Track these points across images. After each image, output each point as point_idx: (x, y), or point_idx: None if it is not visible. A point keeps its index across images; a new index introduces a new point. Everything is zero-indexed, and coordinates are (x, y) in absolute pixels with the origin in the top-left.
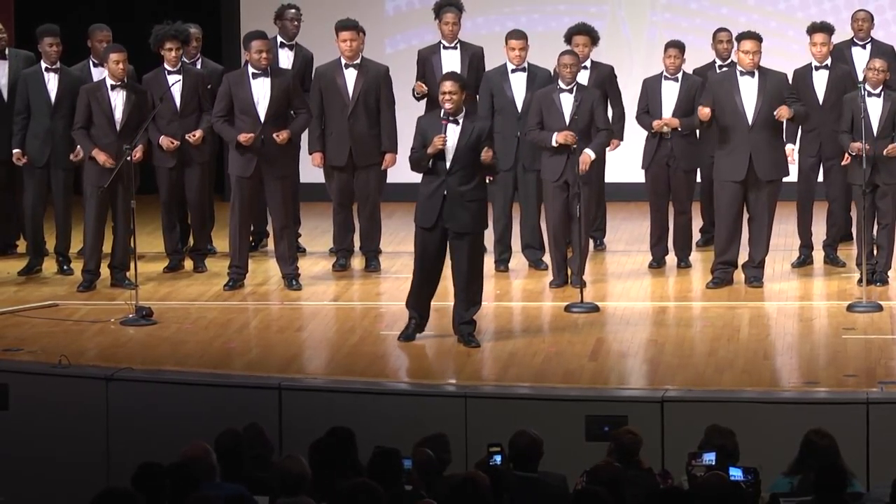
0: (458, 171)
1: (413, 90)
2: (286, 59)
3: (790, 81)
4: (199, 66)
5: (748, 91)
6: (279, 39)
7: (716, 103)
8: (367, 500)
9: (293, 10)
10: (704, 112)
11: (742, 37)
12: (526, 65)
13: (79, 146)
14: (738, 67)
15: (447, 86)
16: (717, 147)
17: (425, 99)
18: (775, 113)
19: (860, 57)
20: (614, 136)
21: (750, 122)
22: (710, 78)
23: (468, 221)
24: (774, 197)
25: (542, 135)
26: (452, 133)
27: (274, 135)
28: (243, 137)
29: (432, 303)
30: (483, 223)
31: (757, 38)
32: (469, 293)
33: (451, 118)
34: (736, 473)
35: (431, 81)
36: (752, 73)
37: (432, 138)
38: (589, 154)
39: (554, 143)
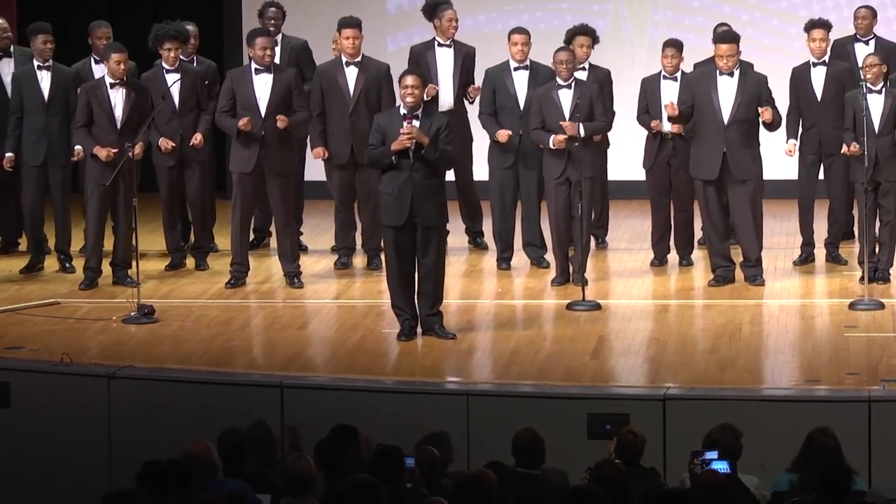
0: (422, 166)
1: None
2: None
3: (768, 84)
4: (195, 64)
5: (726, 90)
6: None
7: (694, 99)
8: (369, 497)
9: (273, 10)
10: (672, 106)
11: (717, 40)
12: (528, 62)
13: (78, 146)
14: (717, 68)
15: (409, 80)
16: (691, 143)
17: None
18: (760, 108)
19: (863, 53)
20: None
21: (726, 121)
22: (688, 74)
23: (436, 214)
24: (756, 194)
25: (542, 136)
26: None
27: (278, 117)
28: (243, 122)
29: None
30: (447, 216)
31: (733, 40)
32: (436, 288)
33: (412, 114)
34: (721, 466)
35: (425, 77)
36: (731, 73)
37: (392, 136)
38: (572, 126)
39: (551, 145)
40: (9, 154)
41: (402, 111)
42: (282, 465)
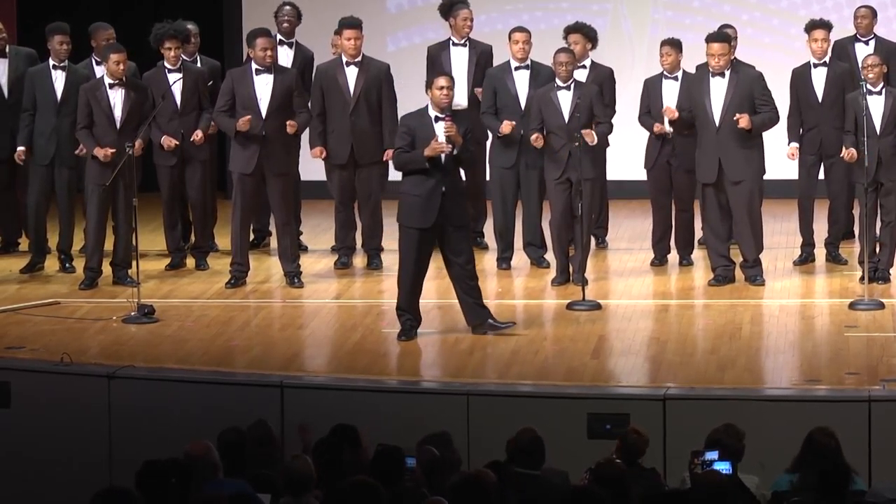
0: (453, 168)
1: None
2: (285, 56)
3: (764, 80)
4: (198, 64)
5: (717, 92)
6: (278, 37)
7: (691, 103)
8: (369, 497)
9: (288, 8)
10: (671, 111)
11: (709, 39)
12: (529, 61)
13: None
14: (709, 68)
15: (442, 81)
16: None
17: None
18: (735, 118)
19: (864, 53)
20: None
21: (717, 124)
22: (686, 78)
23: (464, 213)
24: (752, 195)
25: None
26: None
27: (287, 123)
28: (241, 122)
29: (436, 301)
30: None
31: (724, 39)
32: (477, 282)
33: (446, 115)
34: (723, 467)
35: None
36: (722, 74)
37: (422, 138)
38: (592, 134)
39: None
40: (21, 147)
41: (433, 113)
42: (282, 465)
